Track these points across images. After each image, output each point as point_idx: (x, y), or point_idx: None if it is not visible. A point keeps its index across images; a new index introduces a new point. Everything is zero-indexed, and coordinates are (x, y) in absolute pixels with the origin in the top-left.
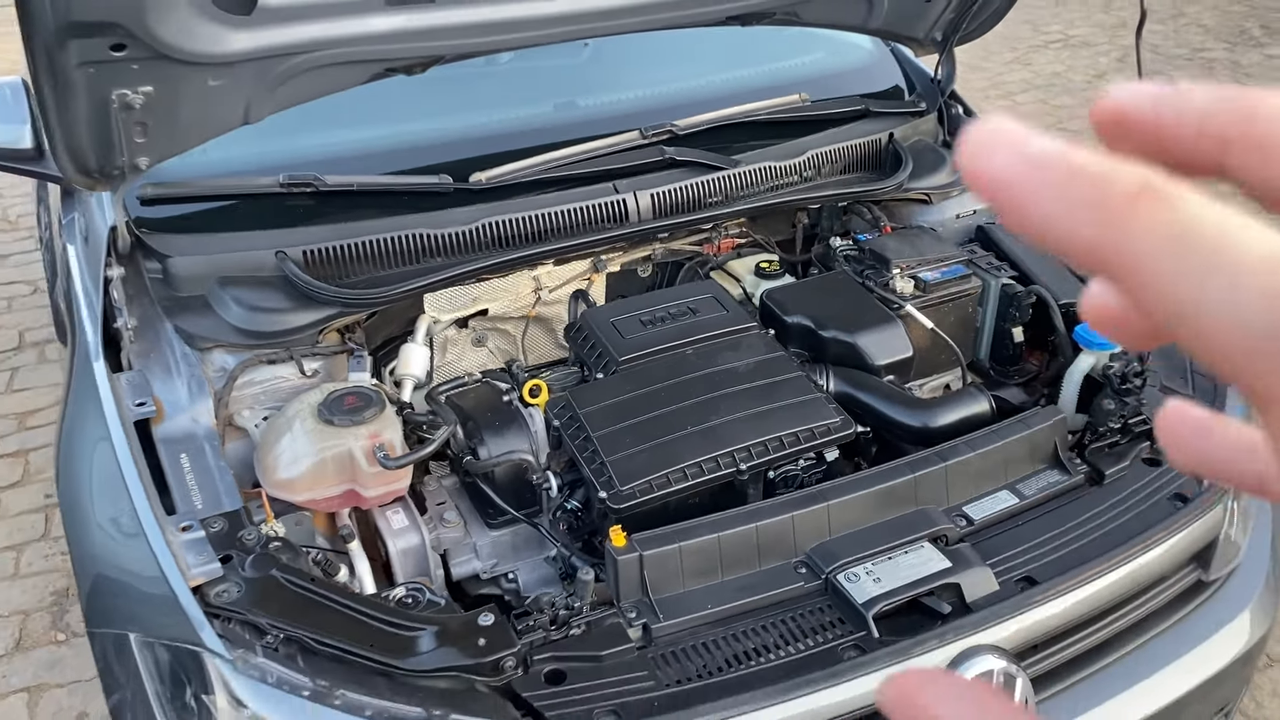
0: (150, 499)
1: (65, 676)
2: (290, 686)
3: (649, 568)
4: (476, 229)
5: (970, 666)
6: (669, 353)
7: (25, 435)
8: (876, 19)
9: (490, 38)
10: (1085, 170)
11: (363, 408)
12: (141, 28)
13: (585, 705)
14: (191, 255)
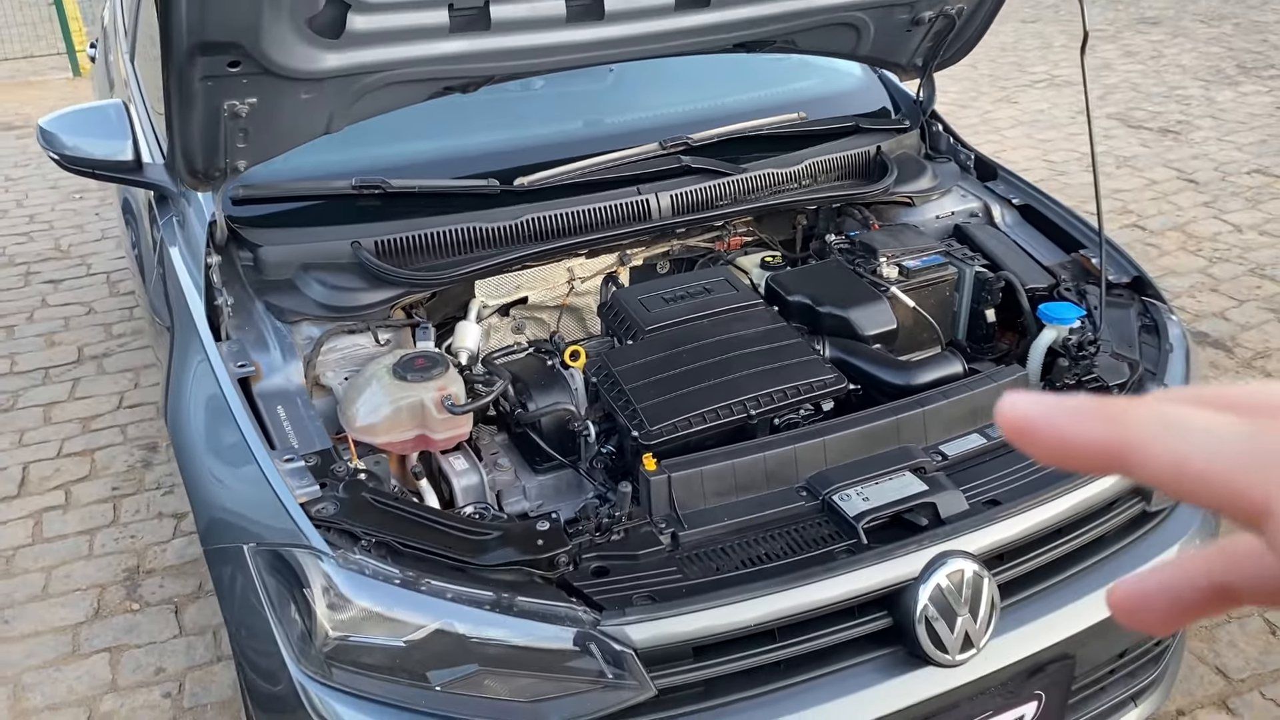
0: (259, 437)
1: (142, 639)
2: (384, 576)
3: (676, 487)
4: (520, 224)
5: (944, 568)
6: (688, 323)
7: (90, 436)
8: (864, 47)
9: (532, 61)
10: (1086, 399)
11: (431, 367)
12: (255, 48)
13: (625, 592)
14: (279, 245)
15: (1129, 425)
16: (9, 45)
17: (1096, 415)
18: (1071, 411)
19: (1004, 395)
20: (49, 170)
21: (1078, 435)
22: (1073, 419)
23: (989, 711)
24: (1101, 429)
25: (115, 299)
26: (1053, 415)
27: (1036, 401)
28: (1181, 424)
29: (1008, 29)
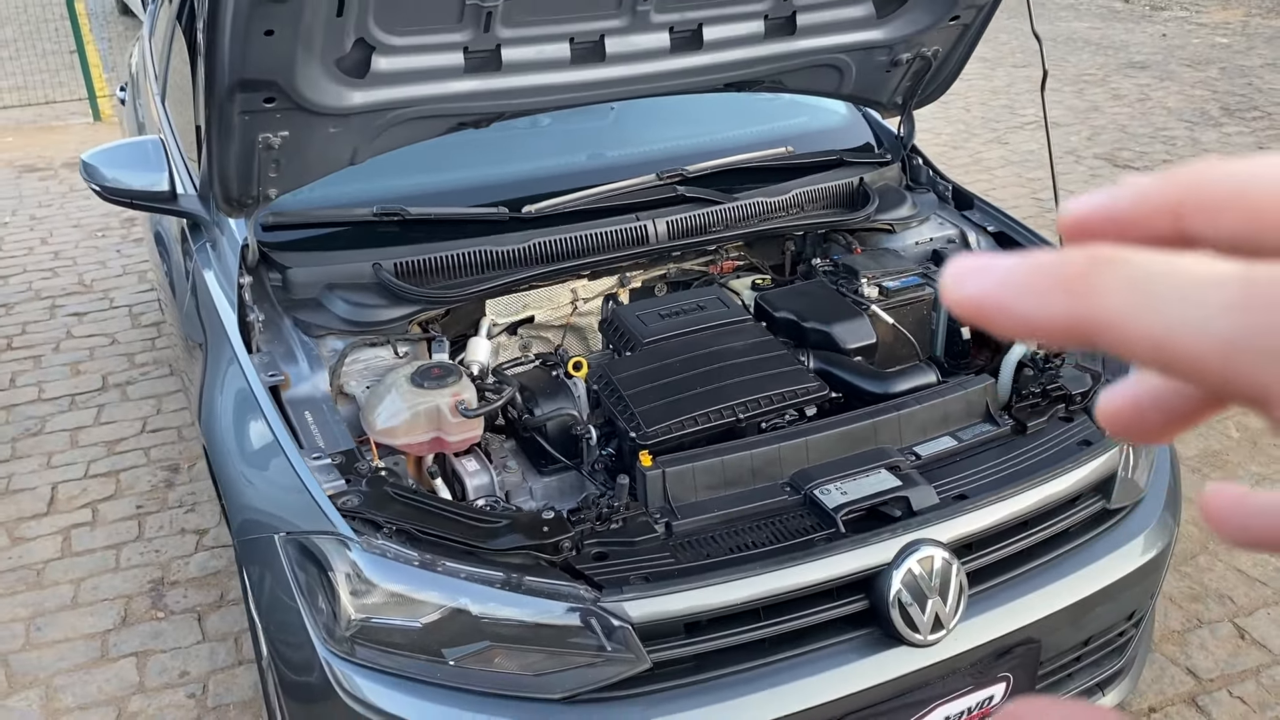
0: (290, 438)
1: (167, 644)
2: (404, 559)
3: (669, 481)
4: (527, 248)
5: (915, 554)
6: (682, 336)
7: (115, 458)
8: (847, 86)
9: (539, 99)
10: (1041, 265)
11: (446, 375)
12: (290, 85)
13: (623, 574)
14: (306, 267)
15: (1094, 296)
16: (32, 91)
17: (1055, 287)
18: (1025, 286)
19: (946, 270)
20: (72, 210)
21: (1036, 314)
22: (1028, 296)
23: (960, 690)
24: (1062, 304)
25: (137, 330)
26: (1004, 294)
27: (981, 276)
28: (1158, 288)
29: (1000, 73)
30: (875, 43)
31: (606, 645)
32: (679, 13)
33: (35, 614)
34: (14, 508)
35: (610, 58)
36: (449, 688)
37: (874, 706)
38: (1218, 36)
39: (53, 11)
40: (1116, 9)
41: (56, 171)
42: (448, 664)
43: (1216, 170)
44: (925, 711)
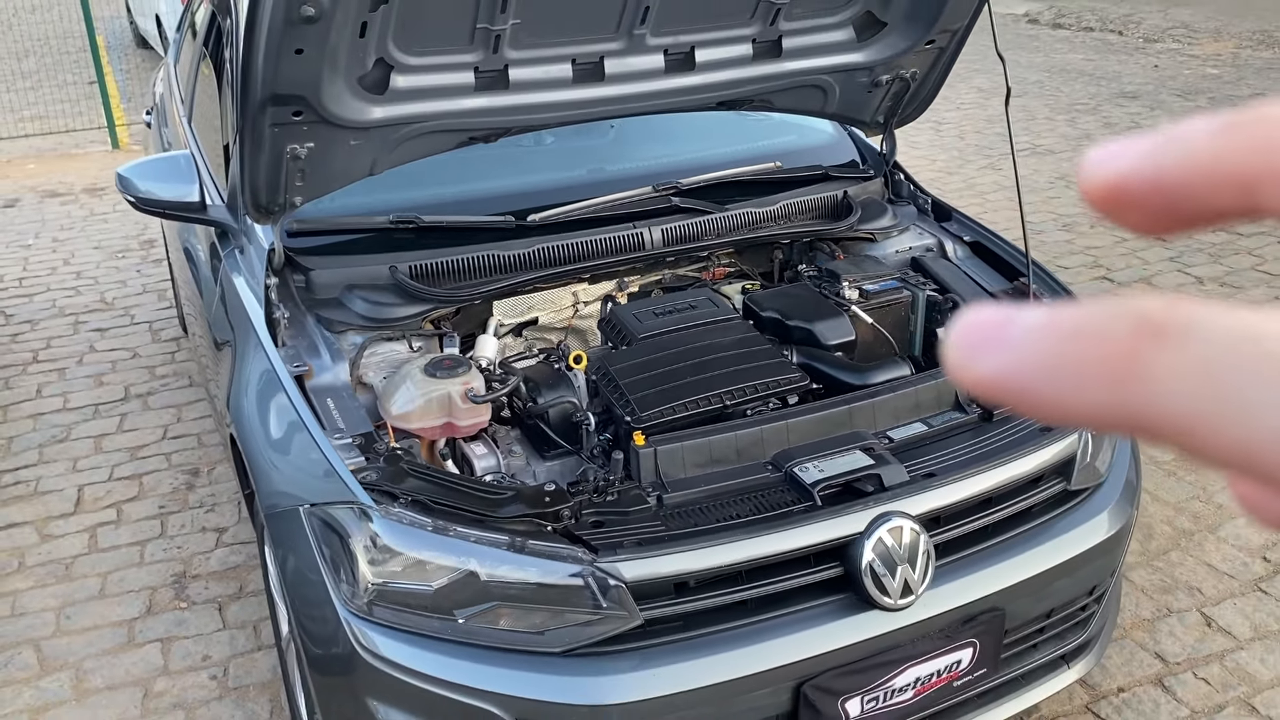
0: (314, 420)
1: (190, 631)
2: (419, 525)
3: (661, 458)
4: (532, 253)
5: (886, 524)
6: (675, 332)
7: (137, 463)
8: (831, 106)
9: (543, 115)
10: (1077, 336)
11: (456, 366)
12: (317, 100)
13: (617, 539)
14: (328, 269)
15: (1151, 385)
16: (53, 121)
17: (1096, 372)
18: (1056, 368)
19: (951, 337)
20: (93, 232)
21: (1073, 405)
22: (1061, 382)
23: (929, 653)
24: (1107, 394)
25: (157, 345)
26: (1029, 378)
27: (998, 352)
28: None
29: (995, 104)
30: (857, 65)
31: (602, 603)
32: (673, 36)
33: (65, 604)
34: (43, 507)
35: (609, 77)
36: (459, 643)
37: (849, 665)
38: (1208, 68)
39: (72, 44)
40: (1111, 41)
41: (77, 197)
42: (458, 622)
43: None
44: (897, 671)
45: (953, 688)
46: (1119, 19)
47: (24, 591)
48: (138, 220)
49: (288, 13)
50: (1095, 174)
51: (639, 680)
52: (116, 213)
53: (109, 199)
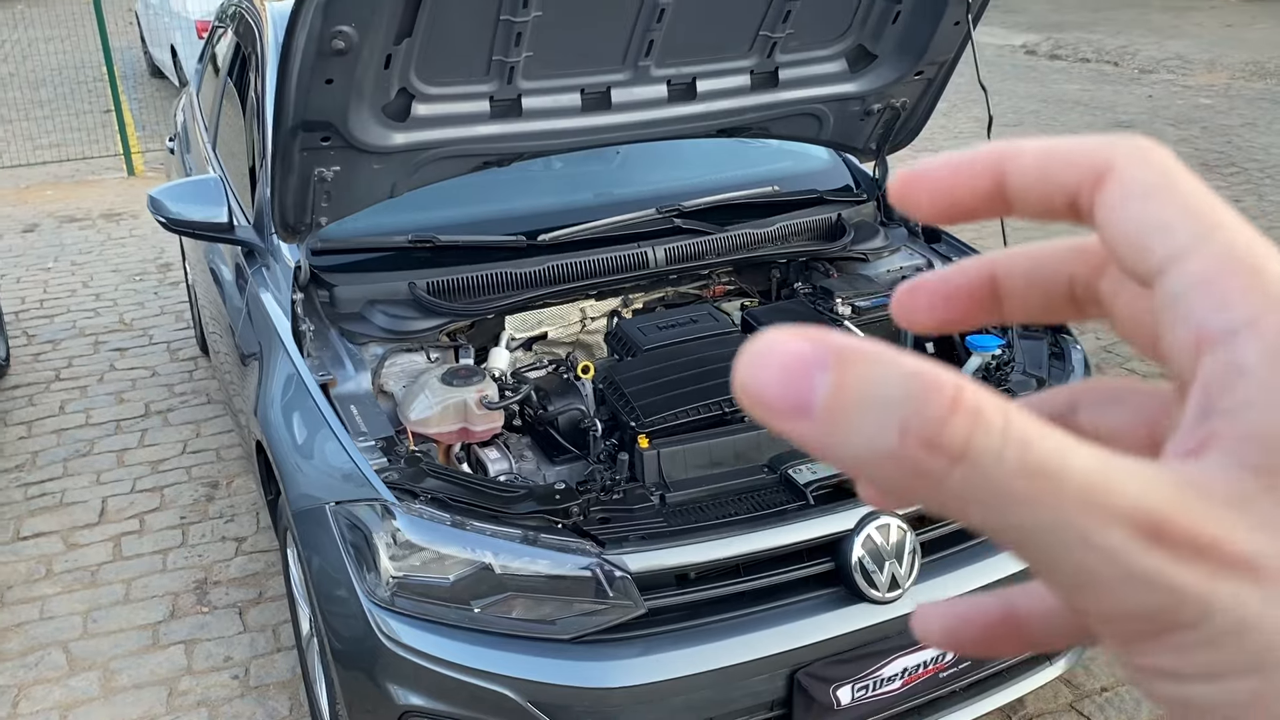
0: (339, 423)
1: (212, 634)
2: (438, 520)
3: (664, 460)
4: (542, 271)
5: (874, 522)
6: (677, 344)
7: (158, 476)
8: (826, 133)
9: (553, 141)
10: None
11: (471, 375)
12: (344, 126)
13: (623, 534)
14: (351, 285)
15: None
16: (69, 148)
17: (901, 431)
18: (851, 408)
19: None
20: (110, 256)
21: (858, 452)
22: (853, 426)
23: (916, 645)
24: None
25: (176, 364)
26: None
27: (769, 363)
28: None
29: (994, 132)
30: (849, 94)
31: (609, 593)
32: (675, 67)
33: (91, 608)
34: (68, 518)
35: (616, 106)
36: (475, 631)
37: (840, 654)
38: (1201, 98)
39: (86, 74)
40: (1106, 72)
41: (94, 222)
42: (474, 612)
43: (1028, 139)
44: (885, 662)
45: (939, 679)
46: (1115, 50)
47: (52, 597)
48: (154, 244)
49: (320, 45)
50: (898, 176)
51: (643, 665)
52: (133, 237)
53: (125, 224)
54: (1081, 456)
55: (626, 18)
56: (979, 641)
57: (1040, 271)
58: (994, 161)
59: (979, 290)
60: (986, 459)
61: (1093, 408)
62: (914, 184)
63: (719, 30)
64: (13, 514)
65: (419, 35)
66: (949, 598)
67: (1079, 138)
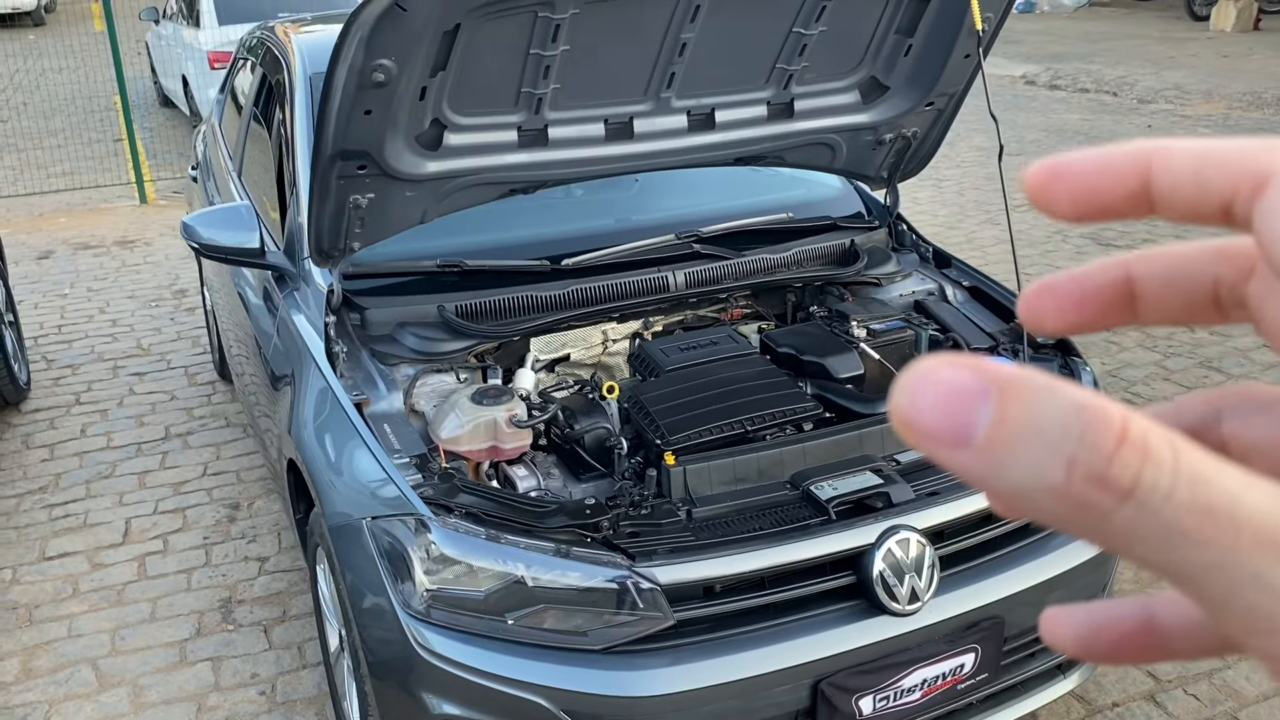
0: (375, 441)
1: (238, 651)
2: (473, 534)
3: (689, 476)
4: (565, 294)
5: (894, 537)
6: (699, 365)
7: (180, 498)
8: (839, 162)
9: (577, 169)
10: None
11: (501, 395)
12: (380, 155)
13: (652, 547)
14: (382, 308)
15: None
16: (81, 176)
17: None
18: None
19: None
20: (125, 283)
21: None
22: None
23: (935, 656)
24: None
25: (194, 388)
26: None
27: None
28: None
29: (994, 160)
30: (862, 125)
31: (639, 604)
32: (695, 99)
33: (118, 626)
34: (92, 538)
35: (638, 135)
36: (509, 642)
37: (862, 665)
38: (1200, 128)
39: (97, 104)
40: (1106, 102)
41: (109, 249)
42: (507, 623)
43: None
44: (906, 673)
45: (957, 691)
46: (1114, 81)
47: (79, 615)
48: (168, 271)
49: (360, 78)
50: (1037, 168)
51: (672, 675)
52: (148, 264)
53: (139, 251)
54: (1254, 494)
55: (650, 51)
56: (1114, 650)
57: (1181, 273)
58: (1141, 160)
59: (1114, 292)
60: (1155, 496)
61: (1238, 416)
62: (1054, 180)
63: (738, 63)
64: (38, 534)
65: (453, 68)
66: (1082, 603)
67: (1233, 141)
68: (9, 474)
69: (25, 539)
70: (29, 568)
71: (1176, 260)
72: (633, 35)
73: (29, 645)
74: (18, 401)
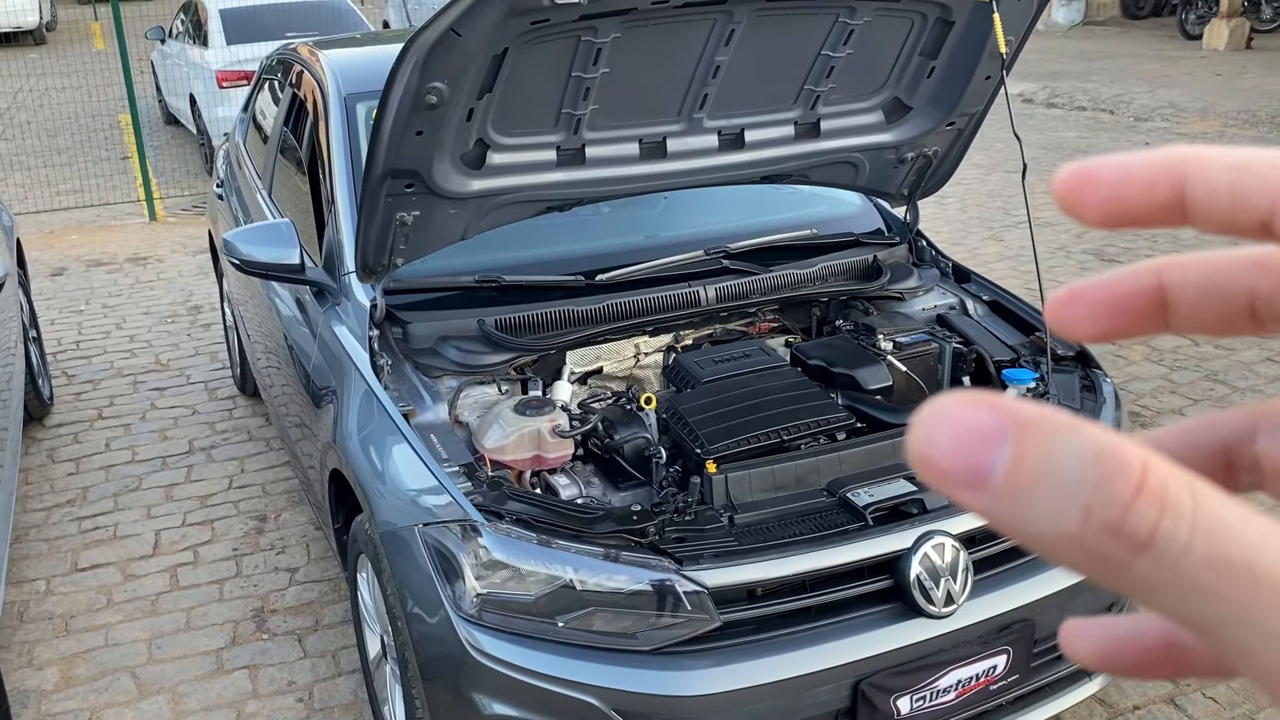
0: (426, 449)
1: (274, 660)
2: (525, 539)
3: (731, 484)
4: (600, 309)
5: (930, 542)
6: (734, 377)
7: (208, 510)
8: (862, 179)
9: (612, 187)
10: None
11: (544, 405)
12: (428, 174)
13: (698, 552)
14: (424, 322)
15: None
16: (89, 194)
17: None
18: (1045, 482)
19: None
20: (140, 299)
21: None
22: (1042, 501)
23: (969, 658)
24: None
25: (215, 403)
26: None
27: (949, 431)
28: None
29: (994, 178)
30: (885, 144)
31: (687, 606)
32: (726, 119)
33: (154, 636)
34: (123, 550)
35: (671, 155)
36: (559, 643)
37: (900, 665)
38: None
39: (101, 122)
40: (1103, 120)
41: (121, 266)
42: (557, 625)
43: (1210, 149)
44: (942, 673)
45: (989, 691)
46: (1110, 99)
47: (115, 625)
48: (182, 288)
49: (415, 100)
50: (1067, 173)
51: (718, 675)
52: (161, 281)
53: (153, 268)
54: (1273, 547)
55: (686, 73)
56: (1136, 665)
57: (1216, 282)
58: (1175, 169)
59: (1145, 300)
60: (1173, 549)
61: (1274, 435)
62: (1084, 186)
63: (768, 84)
64: (69, 546)
65: (498, 90)
66: (1104, 617)
67: (1272, 152)
68: (36, 487)
69: (56, 551)
70: (62, 579)
71: (1211, 269)
72: (670, 58)
73: (67, 654)
74: (41, 416)
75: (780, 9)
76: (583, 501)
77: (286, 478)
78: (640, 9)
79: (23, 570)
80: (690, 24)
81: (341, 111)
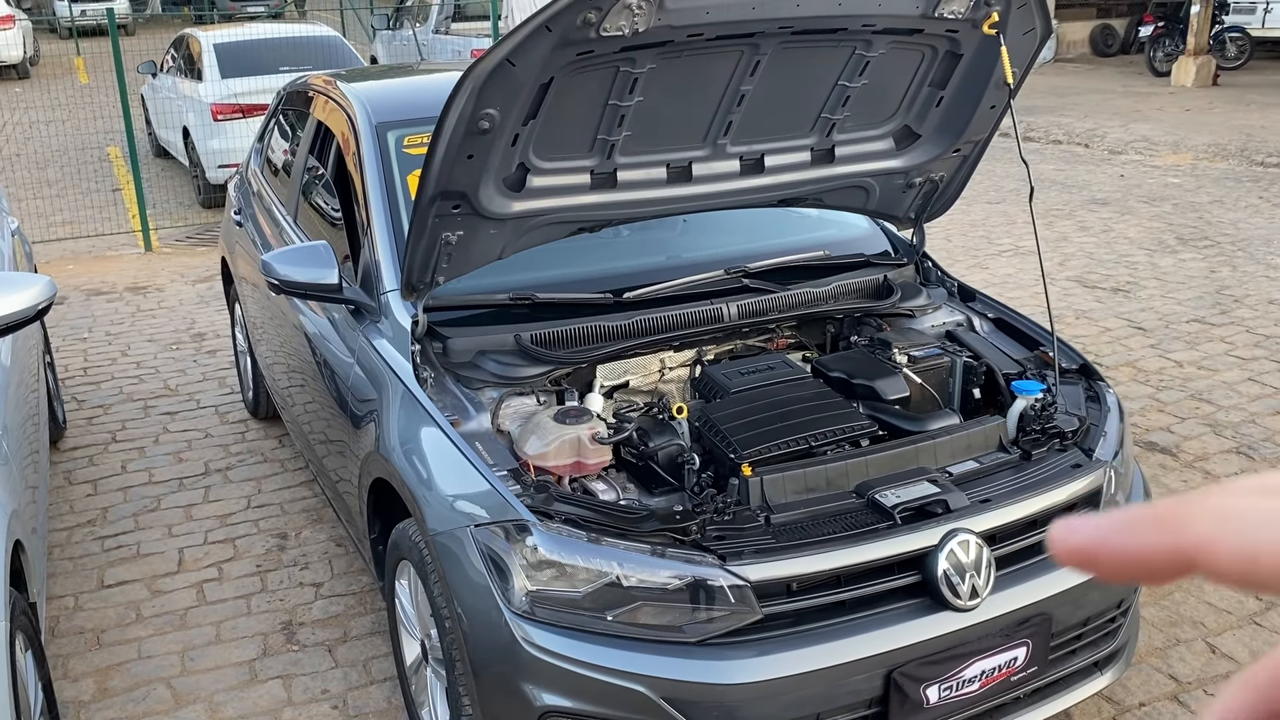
0: (475, 455)
1: (306, 669)
2: (575, 537)
3: (765, 486)
4: (628, 324)
5: (955, 539)
6: (761, 387)
7: (228, 529)
8: (872, 203)
9: (642, 209)
10: (1139, 511)
11: (582, 414)
12: (474, 196)
13: (739, 548)
14: (463, 337)
15: (1188, 527)
16: (84, 225)
17: (1153, 524)
18: (1126, 527)
19: (1055, 525)
20: (143, 326)
21: (1139, 549)
22: (1129, 534)
23: (991, 649)
24: (1160, 538)
25: (227, 426)
26: (1108, 535)
27: (1089, 525)
28: (1242, 516)
29: (977, 209)
30: (894, 169)
31: (730, 599)
32: (747, 145)
33: (186, 648)
34: (148, 567)
35: (695, 178)
36: (608, 635)
37: (929, 656)
38: (1170, 177)
39: (89, 155)
40: (1078, 153)
41: (121, 294)
42: (606, 619)
43: (1220, 530)
44: (967, 664)
45: (1010, 683)
46: (1084, 133)
47: (146, 639)
48: (184, 316)
49: (469, 126)
50: (1065, 542)
51: (760, 664)
52: (162, 309)
53: (153, 297)
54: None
55: (712, 102)
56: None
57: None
58: (1182, 555)
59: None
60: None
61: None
62: (1089, 562)
63: (787, 112)
64: (94, 564)
65: (541, 116)
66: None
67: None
68: (56, 508)
69: (82, 569)
70: (90, 595)
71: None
72: (699, 87)
73: (101, 667)
74: (56, 440)
75: (804, 41)
76: (626, 502)
77: (304, 497)
78: (676, 41)
79: (50, 587)
80: (720, 55)
81: (373, 140)
